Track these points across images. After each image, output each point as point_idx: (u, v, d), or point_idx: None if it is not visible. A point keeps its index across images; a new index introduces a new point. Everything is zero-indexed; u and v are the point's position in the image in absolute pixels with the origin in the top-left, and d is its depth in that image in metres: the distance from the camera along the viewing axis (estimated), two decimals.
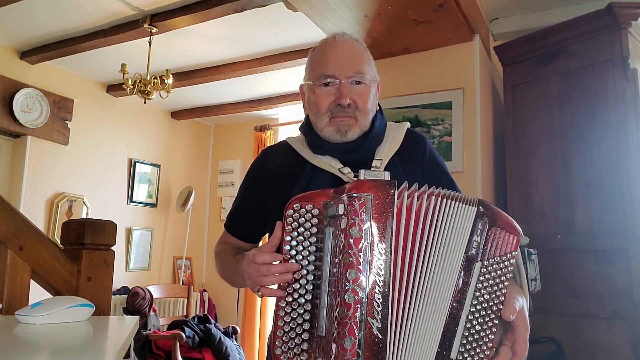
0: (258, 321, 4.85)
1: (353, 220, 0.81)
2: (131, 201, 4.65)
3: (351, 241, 0.80)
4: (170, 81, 3.44)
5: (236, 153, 5.43)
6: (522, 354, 0.85)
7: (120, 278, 4.43)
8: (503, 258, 0.85)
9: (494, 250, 0.85)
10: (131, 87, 3.36)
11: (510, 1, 2.69)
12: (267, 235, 1.10)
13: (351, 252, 0.80)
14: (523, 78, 2.46)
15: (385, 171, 0.86)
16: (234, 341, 3.88)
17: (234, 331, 3.97)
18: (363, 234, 0.80)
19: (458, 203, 0.86)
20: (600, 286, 2.06)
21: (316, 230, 0.87)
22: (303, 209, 0.88)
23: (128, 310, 3.54)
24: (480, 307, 0.84)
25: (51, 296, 1.20)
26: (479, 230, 0.85)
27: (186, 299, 4.15)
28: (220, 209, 5.39)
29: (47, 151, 3.95)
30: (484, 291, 0.85)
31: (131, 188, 4.64)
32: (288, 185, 1.13)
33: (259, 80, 4.23)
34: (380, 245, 0.81)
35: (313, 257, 0.87)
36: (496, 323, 0.84)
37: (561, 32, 2.31)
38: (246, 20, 3.15)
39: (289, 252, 0.88)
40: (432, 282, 0.84)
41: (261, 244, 1.05)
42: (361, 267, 0.80)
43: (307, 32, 3.27)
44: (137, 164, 4.72)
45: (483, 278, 0.84)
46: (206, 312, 4.76)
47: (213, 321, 3.91)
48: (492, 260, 0.85)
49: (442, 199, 0.86)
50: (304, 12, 2.35)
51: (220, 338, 3.66)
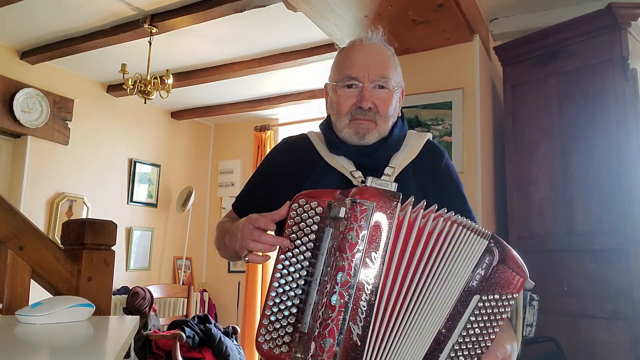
0: (258, 321, 4.84)
1: (352, 225, 0.82)
2: (131, 201, 4.65)
3: (346, 245, 0.82)
4: (170, 81, 3.44)
5: (236, 153, 5.43)
6: None
7: (120, 278, 4.43)
8: (503, 297, 0.84)
9: (497, 287, 0.84)
10: (131, 87, 3.36)
11: (510, 1, 2.69)
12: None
13: (344, 256, 0.81)
14: (523, 78, 2.46)
15: (393, 182, 0.87)
16: (234, 341, 3.88)
17: (234, 331, 3.97)
18: (359, 241, 0.81)
19: (470, 232, 0.86)
20: (599, 286, 2.06)
21: (317, 228, 0.88)
22: (308, 205, 0.89)
23: (128, 310, 3.54)
24: (468, 340, 0.83)
25: (51, 296, 1.20)
26: (485, 264, 0.84)
27: (186, 299, 4.15)
28: (220, 209, 5.39)
29: (47, 151, 3.95)
30: (476, 325, 0.83)
31: (131, 188, 4.64)
32: (299, 179, 1.14)
33: (259, 80, 4.23)
34: (373, 254, 0.82)
35: (309, 254, 0.88)
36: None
37: (561, 32, 2.31)
38: (246, 20, 3.15)
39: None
40: (425, 303, 0.83)
41: None
42: (352, 272, 0.81)
43: (307, 32, 3.27)
44: (137, 164, 4.72)
45: (478, 312, 0.83)
46: (206, 312, 4.76)
47: (213, 321, 3.91)
48: (492, 296, 0.84)
49: (454, 225, 0.86)
50: (304, 12, 2.35)
51: (220, 338, 3.66)
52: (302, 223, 0.88)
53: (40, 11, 3.16)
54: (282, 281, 0.87)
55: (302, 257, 0.88)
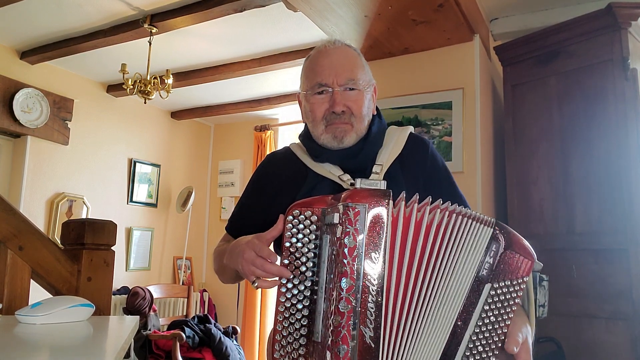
0: (258, 321, 4.84)
1: (348, 229, 0.82)
2: (131, 201, 4.65)
3: (345, 250, 0.82)
4: (170, 81, 3.44)
5: (236, 153, 5.43)
6: None
7: (120, 278, 4.43)
8: (514, 282, 0.85)
9: (506, 273, 0.85)
10: (131, 87, 3.36)
11: (510, 1, 2.69)
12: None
13: (345, 261, 0.81)
14: (523, 78, 2.46)
15: (382, 180, 0.87)
16: (234, 341, 3.88)
17: (234, 331, 3.97)
18: (357, 244, 0.82)
19: (474, 222, 0.86)
20: (599, 286, 2.06)
21: (314, 236, 0.88)
22: (302, 216, 0.89)
23: (128, 310, 3.54)
24: (485, 329, 0.83)
25: (51, 296, 1.20)
26: (493, 252, 0.85)
27: (186, 299, 4.15)
28: (220, 209, 5.39)
29: (47, 151, 3.95)
30: (491, 313, 0.84)
31: (131, 188, 4.64)
32: (291, 191, 1.13)
33: (259, 80, 4.23)
34: (374, 254, 0.82)
35: (311, 264, 0.87)
36: (500, 346, 0.84)
37: (561, 32, 2.31)
38: (246, 20, 3.15)
39: (288, 257, 0.89)
40: (437, 297, 0.83)
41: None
42: (354, 277, 0.81)
43: (307, 32, 3.27)
44: (137, 164, 4.72)
45: (491, 300, 0.84)
46: (206, 312, 4.76)
47: (213, 321, 3.91)
48: (503, 283, 0.84)
49: (454, 215, 0.86)
50: (304, 12, 2.35)
51: (220, 338, 3.66)
52: (300, 234, 0.88)
53: (40, 11, 3.16)
54: (289, 295, 0.87)
55: (305, 268, 0.87)
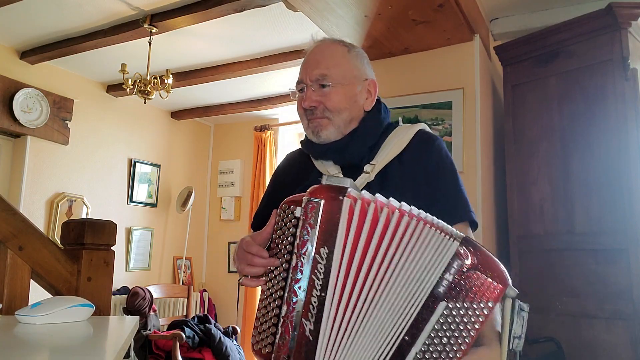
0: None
1: (304, 224, 0.85)
2: (131, 201, 4.65)
3: (299, 243, 0.85)
4: (170, 81, 3.44)
5: (236, 153, 5.43)
6: None
7: (120, 278, 4.43)
8: (475, 306, 0.78)
9: (468, 294, 0.78)
10: (131, 87, 3.36)
11: (510, 1, 2.69)
12: None
13: (298, 254, 0.84)
14: (523, 78, 2.46)
15: (346, 178, 0.87)
16: (234, 341, 3.88)
17: (234, 331, 3.97)
18: (309, 238, 0.84)
19: (440, 233, 0.81)
20: (599, 286, 2.06)
21: (294, 230, 0.89)
22: (288, 210, 0.90)
23: (128, 310, 3.54)
24: (434, 349, 0.78)
25: (51, 296, 1.20)
26: (454, 269, 0.79)
27: (186, 299, 4.15)
28: (220, 209, 5.39)
29: (47, 151, 3.95)
30: (443, 334, 0.78)
31: (131, 188, 4.64)
32: (298, 188, 1.15)
33: (259, 80, 4.23)
34: (323, 250, 0.83)
35: (288, 256, 0.89)
36: None
37: (561, 32, 2.31)
38: (246, 20, 3.14)
39: (271, 251, 0.92)
40: (383, 302, 0.81)
41: None
42: (303, 269, 0.84)
43: (307, 32, 3.23)
44: (137, 164, 4.72)
45: (444, 320, 0.78)
46: (206, 312, 4.76)
47: (213, 321, 3.91)
48: (461, 304, 0.78)
49: (420, 222, 0.82)
50: (304, 12, 2.35)
51: (220, 338, 3.66)
52: (284, 227, 0.90)
53: (40, 11, 3.16)
54: (267, 285, 0.90)
55: (283, 260, 0.89)
